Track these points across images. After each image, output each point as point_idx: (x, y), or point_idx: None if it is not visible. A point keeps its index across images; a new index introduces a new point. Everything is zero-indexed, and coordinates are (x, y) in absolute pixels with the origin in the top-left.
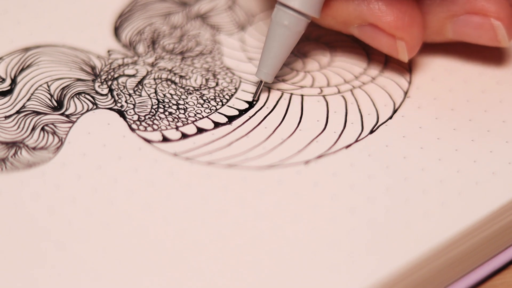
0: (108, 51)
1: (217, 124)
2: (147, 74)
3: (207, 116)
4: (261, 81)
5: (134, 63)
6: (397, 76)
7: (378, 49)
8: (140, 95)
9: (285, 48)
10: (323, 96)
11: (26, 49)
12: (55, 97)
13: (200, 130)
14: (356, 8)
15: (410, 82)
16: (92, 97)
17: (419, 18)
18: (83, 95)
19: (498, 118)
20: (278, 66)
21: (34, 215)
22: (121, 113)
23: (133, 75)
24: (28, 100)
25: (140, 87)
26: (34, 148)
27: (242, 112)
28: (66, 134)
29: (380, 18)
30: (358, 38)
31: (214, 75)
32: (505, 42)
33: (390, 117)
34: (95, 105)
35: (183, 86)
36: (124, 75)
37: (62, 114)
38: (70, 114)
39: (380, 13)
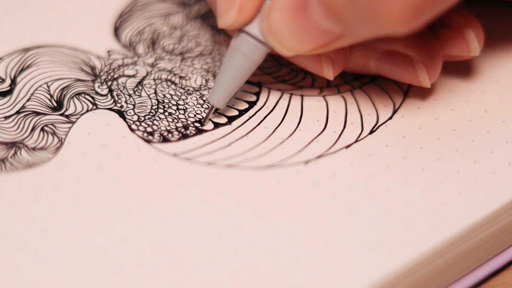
0: (108, 52)
1: (217, 125)
2: (147, 75)
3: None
4: (212, 106)
5: (134, 63)
6: None
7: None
8: (140, 96)
9: (241, 76)
10: (323, 96)
11: (26, 50)
12: (55, 97)
13: (200, 131)
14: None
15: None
16: (92, 97)
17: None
18: (83, 95)
19: (498, 118)
20: (232, 93)
21: (34, 215)
22: (121, 114)
23: (133, 76)
24: (28, 100)
25: (140, 87)
26: (33, 149)
27: (242, 112)
28: (66, 135)
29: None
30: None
31: (214, 76)
32: (426, 83)
33: (390, 118)
34: (95, 106)
35: (183, 86)
36: (124, 75)
37: (61, 114)
38: (70, 114)
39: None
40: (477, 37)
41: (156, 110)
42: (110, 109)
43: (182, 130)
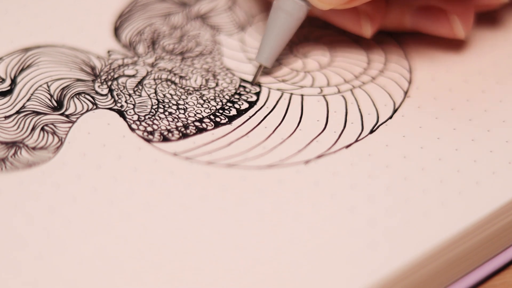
0: (108, 52)
1: (217, 124)
2: (147, 75)
3: (207, 116)
4: (260, 66)
5: (134, 63)
6: (397, 75)
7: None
8: (140, 95)
9: (285, 34)
10: (323, 96)
11: (26, 49)
12: (55, 97)
13: (200, 130)
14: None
15: (410, 82)
16: (92, 97)
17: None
18: (83, 95)
19: (498, 118)
20: (278, 51)
21: (34, 215)
22: (121, 113)
23: (133, 76)
24: (28, 100)
25: (140, 87)
26: (34, 148)
27: (242, 112)
28: (66, 134)
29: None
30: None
31: (214, 76)
32: (460, 34)
33: (390, 117)
34: (95, 105)
35: (183, 86)
36: (124, 75)
37: (62, 114)
38: (70, 114)
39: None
40: None
41: (156, 109)
42: (110, 108)
43: (182, 129)
